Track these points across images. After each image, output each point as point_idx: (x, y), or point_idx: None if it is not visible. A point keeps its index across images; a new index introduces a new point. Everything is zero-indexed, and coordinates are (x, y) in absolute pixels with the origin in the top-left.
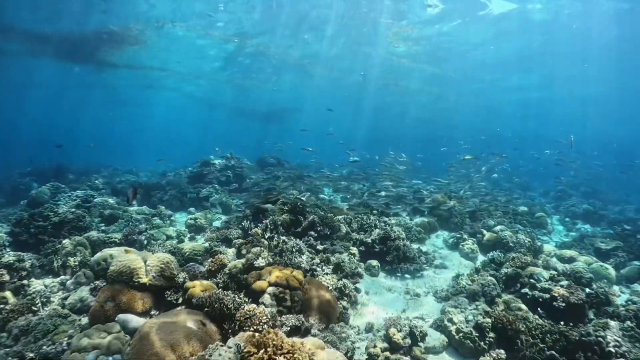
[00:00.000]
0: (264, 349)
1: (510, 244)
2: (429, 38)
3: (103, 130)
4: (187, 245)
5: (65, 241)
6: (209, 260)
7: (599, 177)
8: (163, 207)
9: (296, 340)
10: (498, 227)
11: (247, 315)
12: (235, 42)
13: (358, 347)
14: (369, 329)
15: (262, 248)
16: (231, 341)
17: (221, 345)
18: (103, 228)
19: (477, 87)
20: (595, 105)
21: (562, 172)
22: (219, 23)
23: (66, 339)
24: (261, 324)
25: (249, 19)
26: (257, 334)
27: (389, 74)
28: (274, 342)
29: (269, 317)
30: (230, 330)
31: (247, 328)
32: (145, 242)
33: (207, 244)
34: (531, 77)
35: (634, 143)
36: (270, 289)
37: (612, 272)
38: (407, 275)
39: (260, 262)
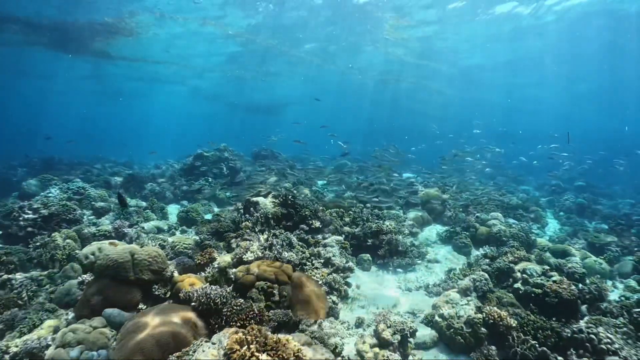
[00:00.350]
0: (246, 346)
1: (504, 238)
2: (426, 33)
3: (98, 123)
4: (178, 239)
5: (55, 234)
6: (199, 253)
7: (592, 172)
8: (155, 199)
9: (282, 336)
10: (492, 221)
11: (234, 310)
12: (231, 34)
13: (347, 343)
14: (359, 324)
15: (252, 242)
16: (215, 337)
17: (206, 341)
18: (94, 221)
19: (474, 83)
20: (591, 101)
21: (555, 166)
22: (217, 15)
23: (51, 334)
24: (248, 319)
25: (247, 12)
26: (240, 330)
27: (387, 68)
28: (258, 339)
29: (256, 312)
30: (217, 325)
31: (233, 323)
32: (136, 235)
33: (197, 237)
34: (526, 74)
35: (627, 137)
36: (258, 284)
37: (606, 267)
38: (399, 270)
39: (249, 256)
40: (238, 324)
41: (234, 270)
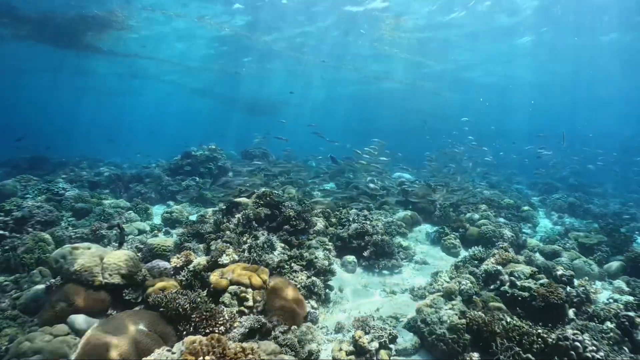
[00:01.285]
0: (202, 357)
1: (493, 239)
2: (422, 30)
3: (88, 120)
4: (156, 241)
5: (26, 237)
6: (175, 256)
7: (583, 170)
8: (140, 200)
9: (247, 345)
10: (481, 221)
11: (203, 316)
12: (226, 31)
13: (325, 350)
14: (339, 329)
15: (228, 244)
16: (177, 346)
17: (168, 350)
18: (73, 222)
19: (467, 82)
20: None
21: (543, 164)
22: (209, 11)
23: (7, 343)
24: (217, 325)
25: (240, 7)
26: (198, 340)
27: (380, 65)
28: (215, 349)
29: (227, 318)
30: (185, 332)
31: (202, 330)
32: (115, 237)
33: (177, 239)
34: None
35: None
36: (231, 288)
37: (595, 268)
38: (385, 272)
39: (225, 259)
40: (207, 331)
41: (208, 273)
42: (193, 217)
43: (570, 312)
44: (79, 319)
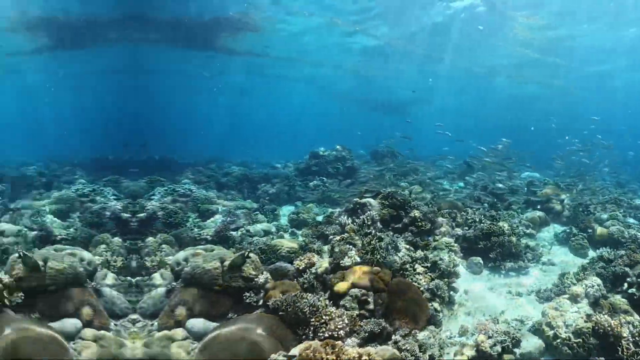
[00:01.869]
0: None
1: (622, 240)
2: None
3: (219, 122)
4: (280, 242)
5: (149, 239)
6: (298, 258)
7: None
8: (267, 200)
9: (363, 350)
10: (610, 222)
11: (323, 321)
12: (358, 30)
13: (447, 354)
14: (463, 332)
15: (350, 246)
16: (293, 351)
17: (283, 355)
18: (199, 224)
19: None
20: None
21: None
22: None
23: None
24: (337, 329)
25: (374, 8)
26: (313, 345)
27: (517, 66)
28: (329, 356)
29: (347, 322)
30: (304, 337)
31: (321, 334)
32: (240, 238)
33: (302, 241)
34: None
35: None
36: (352, 291)
37: None
38: (511, 273)
39: (347, 261)
40: (326, 335)
41: (330, 276)
42: (320, 218)
43: None
44: (198, 323)
